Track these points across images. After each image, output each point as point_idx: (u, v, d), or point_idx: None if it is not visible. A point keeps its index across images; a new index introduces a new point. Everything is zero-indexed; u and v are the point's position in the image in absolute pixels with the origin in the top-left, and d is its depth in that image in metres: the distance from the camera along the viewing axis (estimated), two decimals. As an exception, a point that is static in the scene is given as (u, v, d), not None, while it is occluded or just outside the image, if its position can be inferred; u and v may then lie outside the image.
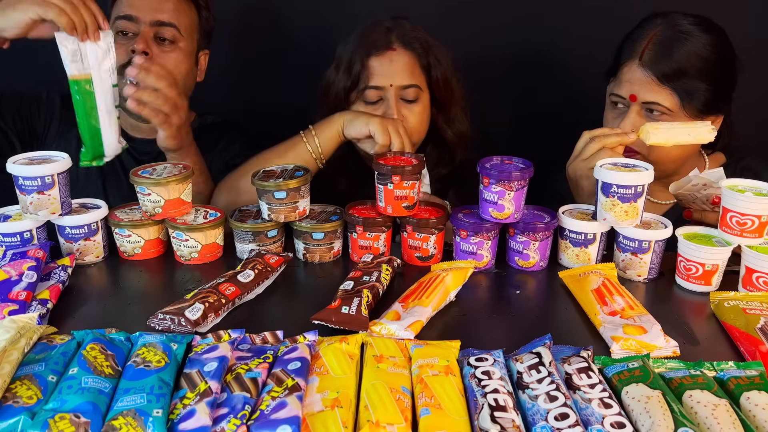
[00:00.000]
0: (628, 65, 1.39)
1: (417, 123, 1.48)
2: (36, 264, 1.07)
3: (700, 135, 1.28)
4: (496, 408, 0.76)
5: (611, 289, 1.09)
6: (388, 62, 1.45)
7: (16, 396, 0.76)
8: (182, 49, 1.54)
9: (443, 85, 1.50)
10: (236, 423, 0.73)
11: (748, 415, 0.78)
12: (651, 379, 0.81)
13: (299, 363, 0.83)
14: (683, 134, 1.28)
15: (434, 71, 1.49)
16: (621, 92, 1.40)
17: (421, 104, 1.48)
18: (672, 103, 1.35)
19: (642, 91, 1.36)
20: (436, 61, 1.49)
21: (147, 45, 1.48)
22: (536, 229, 1.20)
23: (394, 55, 1.45)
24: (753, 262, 1.12)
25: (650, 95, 1.35)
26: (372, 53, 1.45)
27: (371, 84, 1.45)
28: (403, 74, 1.45)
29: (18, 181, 1.16)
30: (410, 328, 0.96)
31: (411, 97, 1.46)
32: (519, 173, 1.17)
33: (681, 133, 1.28)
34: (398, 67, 1.45)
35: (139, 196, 1.24)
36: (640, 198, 1.17)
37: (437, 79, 1.49)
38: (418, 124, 1.48)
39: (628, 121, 1.38)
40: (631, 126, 1.37)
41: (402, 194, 1.22)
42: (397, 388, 0.80)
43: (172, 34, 1.51)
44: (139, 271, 1.23)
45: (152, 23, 1.49)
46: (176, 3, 1.53)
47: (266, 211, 1.24)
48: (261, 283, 1.12)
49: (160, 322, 0.98)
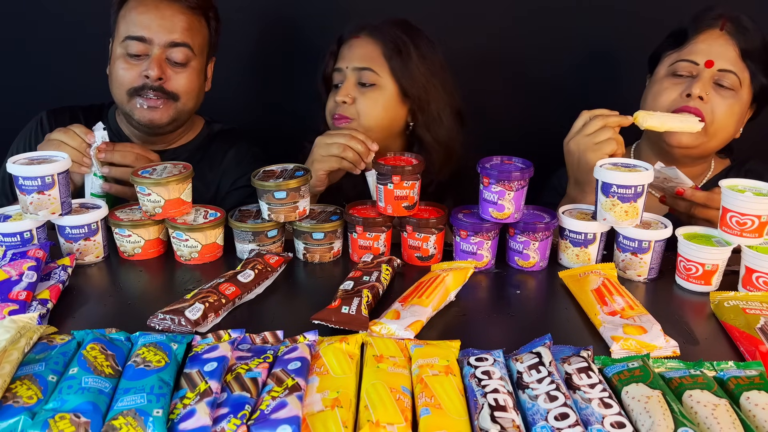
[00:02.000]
0: (706, 33, 1.38)
1: (368, 106, 1.45)
2: (36, 264, 1.07)
3: (690, 124, 1.32)
4: (496, 408, 0.76)
5: (611, 289, 1.09)
6: (349, 47, 1.48)
7: (17, 396, 0.76)
8: (194, 68, 1.51)
9: (412, 78, 1.46)
10: (236, 423, 0.73)
11: (748, 415, 0.78)
12: (651, 379, 0.81)
13: (299, 363, 0.83)
14: (676, 121, 1.32)
15: (401, 62, 1.45)
16: (696, 58, 1.38)
17: (378, 91, 1.46)
18: (744, 78, 1.37)
19: (721, 59, 1.36)
20: (406, 54, 1.47)
21: (162, 70, 1.45)
22: (536, 229, 1.21)
23: (356, 41, 1.48)
24: (753, 262, 1.12)
25: (729, 64, 1.36)
26: (344, 40, 1.50)
27: (335, 67, 1.49)
28: (360, 58, 1.46)
29: (18, 181, 1.16)
30: (410, 328, 0.96)
31: (366, 80, 1.45)
32: (519, 173, 1.17)
33: (674, 120, 1.32)
34: (358, 52, 1.47)
35: (139, 196, 1.24)
36: (640, 198, 1.17)
37: (403, 71, 1.46)
38: (370, 107, 1.45)
39: (699, 83, 1.36)
40: (703, 90, 1.35)
41: (402, 194, 1.22)
42: (397, 388, 0.80)
43: (185, 55, 1.47)
44: (139, 271, 1.23)
45: (166, 45, 1.45)
46: (189, 21, 1.47)
47: (266, 211, 1.24)
48: (261, 283, 1.12)
49: (160, 322, 0.98)
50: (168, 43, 1.45)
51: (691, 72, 1.39)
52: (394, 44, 1.46)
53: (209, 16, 1.54)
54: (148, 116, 1.48)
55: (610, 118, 1.29)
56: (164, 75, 1.45)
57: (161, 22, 1.44)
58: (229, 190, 1.60)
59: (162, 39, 1.44)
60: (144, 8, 1.45)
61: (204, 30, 1.53)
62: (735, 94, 1.37)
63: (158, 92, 1.46)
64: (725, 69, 1.36)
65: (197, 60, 1.51)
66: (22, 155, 1.21)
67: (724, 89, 1.37)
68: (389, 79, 1.46)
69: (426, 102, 1.48)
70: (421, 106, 1.49)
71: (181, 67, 1.48)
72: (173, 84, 1.47)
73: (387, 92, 1.47)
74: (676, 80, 1.40)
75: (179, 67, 1.48)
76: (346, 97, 1.45)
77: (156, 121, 1.48)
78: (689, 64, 1.39)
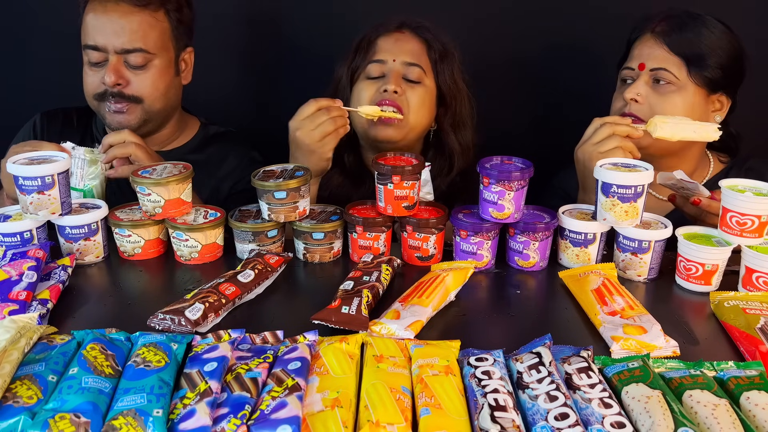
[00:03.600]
0: (640, 39, 1.42)
1: (417, 103, 1.44)
2: (36, 264, 1.07)
3: (706, 133, 1.31)
4: (496, 408, 0.76)
5: (611, 289, 1.09)
6: (394, 41, 1.46)
7: (17, 396, 0.76)
8: (157, 67, 1.47)
9: (451, 82, 1.48)
10: (236, 423, 0.73)
11: (748, 415, 0.78)
12: (651, 379, 0.81)
13: (299, 363, 0.83)
14: (689, 130, 1.31)
15: (443, 65, 1.47)
16: (631, 64, 1.42)
17: (424, 88, 1.46)
18: (679, 71, 1.37)
19: (650, 59, 1.39)
20: (451, 58, 1.48)
21: (118, 75, 1.43)
22: (536, 229, 1.21)
23: (402, 36, 1.47)
24: (753, 262, 1.12)
25: (659, 62, 1.38)
26: (381, 34, 1.47)
27: (375, 58, 1.46)
28: (408, 53, 1.45)
29: (18, 181, 1.16)
30: (410, 328, 0.96)
31: (414, 77, 1.44)
32: (519, 173, 1.17)
33: (687, 129, 1.30)
34: (404, 46, 1.45)
35: (139, 196, 1.24)
36: (640, 198, 1.17)
37: (445, 74, 1.47)
38: (418, 105, 1.45)
39: (632, 87, 1.39)
40: (634, 93, 1.38)
41: (402, 194, 1.22)
42: (397, 388, 0.80)
43: (142, 58, 1.44)
44: (139, 271, 1.23)
45: (119, 51, 1.43)
46: (140, 21, 1.43)
47: (266, 211, 1.24)
48: (261, 283, 1.12)
49: (160, 322, 0.98)
50: (121, 50, 1.43)
51: (632, 77, 1.43)
52: (441, 46, 1.47)
53: (167, 9, 1.48)
54: (117, 119, 1.48)
55: (619, 127, 1.30)
56: (122, 80, 1.44)
57: (112, 27, 1.42)
58: (228, 195, 1.60)
59: (115, 45, 1.43)
60: (94, 13, 1.43)
61: (162, 24, 1.47)
62: (676, 89, 1.38)
63: (118, 97, 1.46)
64: (656, 67, 1.38)
65: (159, 58, 1.48)
66: (22, 155, 1.21)
67: (664, 86, 1.39)
68: (431, 80, 1.47)
69: (459, 108, 1.50)
70: (453, 110, 1.50)
71: (140, 69, 1.46)
72: (133, 87, 1.46)
73: (430, 92, 1.47)
74: (623, 89, 1.44)
75: (139, 70, 1.46)
76: (398, 87, 1.42)
77: (125, 124, 1.48)
78: (627, 70, 1.43)
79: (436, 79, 1.48)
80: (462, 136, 1.53)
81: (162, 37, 1.48)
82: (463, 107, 1.51)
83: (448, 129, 1.52)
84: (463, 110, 1.51)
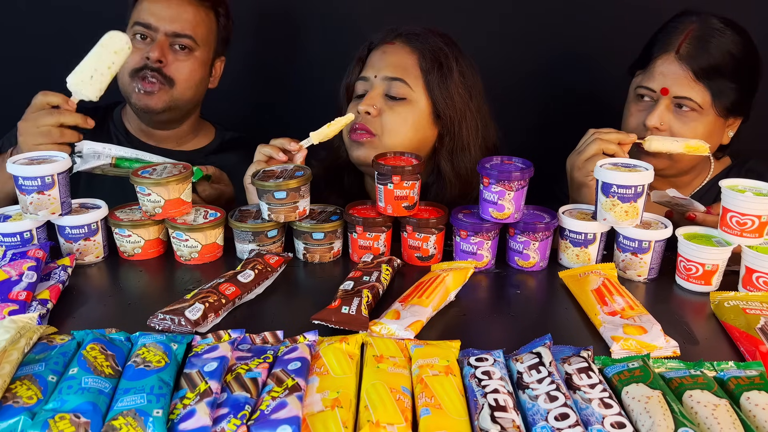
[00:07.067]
0: (662, 58, 1.37)
1: (395, 122, 1.30)
2: (36, 264, 1.07)
3: (696, 151, 1.32)
4: (496, 408, 0.76)
5: (611, 289, 1.09)
6: (380, 54, 1.35)
7: (16, 396, 0.75)
8: (197, 58, 1.56)
9: (446, 97, 1.33)
10: (236, 423, 0.73)
11: (748, 415, 0.78)
12: (651, 379, 0.81)
13: (299, 363, 0.83)
14: (680, 148, 1.32)
15: (435, 77, 1.32)
16: (652, 85, 1.38)
17: (408, 106, 1.32)
18: (704, 100, 1.35)
19: (675, 86, 1.35)
20: (447, 69, 1.32)
21: (162, 53, 1.50)
22: (536, 229, 1.20)
23: (390, 48, 1.35)
24: (753, 262, 1.12)
25: (684, 90, 1.35)
26: (374, 46, 1.39)
27: (361, 75, 1.37)
28: (392, 67, 1.32)
29: (18, 181, 1.16)
30: (410, 328, 0.96)
31: (396, 94, 1.31)
32: (519, 173, 1.17)
33: (678, 147, 1.32)
34: (390, 59, 1.33)
35: (139, 196, 1.24)
36: (640, 198, 1.17)
37: (439, 87, 1.32)
38: (397, 124, 1.30)
39: (655, 114, 1.36)
40: (658, 121, 1.36)
41: (402, 194, 1.22)
42: (397, 388, 0.80)
43: (188, 45, 1.54)
44: (139, 271, 1.23)
45: (169, 34, 1.51)
46: (195, 13, 1.54)
47: (266, 211, 1.24)
48: (261, 283, 1.12)
49: (160, 322, 0.98)
50: (171, 33, 1.51)
51: (652, 97, 1.40)
52: (434, 56, 1.32)
53: (218, 12, 1.59)
54: (144, 101, 1.53)
55: (609, 135, 1.29)
56: (165, 59, 1.51)
57: (169, 13, 1.51)
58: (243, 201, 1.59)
59: (166, 28, 1.51)
60: None
61: (211, 23, 1.58)
62: (698, 116, 1.36)
63: (156, 74, 1.51)
64: (680, 96, 1.35)
65: (201, 50, 1.56)
66: (22, 155, 1.21)
67: (686, 112, 1.36)
68: (422, 95, 1.33)
69: (458, 128, 1.34)
70: (452, 130, 1.34)
71: (183, 54, 1.53)
72: (172, 69, 1.53)
73: (418, 109, 1.33)
74: (640, 106, 1.41)
75: (181, 54, 1.53)
76: (371, 107, 1.30)
77: (151, 106, 1.54)
78: (647, 90, 1.40)
79: (429, 94, 1.33)
80: (459, 163, 1.36)
81: (208, 33, 1.58)
82: (467, 129, 1.35)
83: (444, 154, 1.36)
84: (465, 132, 1.34)
